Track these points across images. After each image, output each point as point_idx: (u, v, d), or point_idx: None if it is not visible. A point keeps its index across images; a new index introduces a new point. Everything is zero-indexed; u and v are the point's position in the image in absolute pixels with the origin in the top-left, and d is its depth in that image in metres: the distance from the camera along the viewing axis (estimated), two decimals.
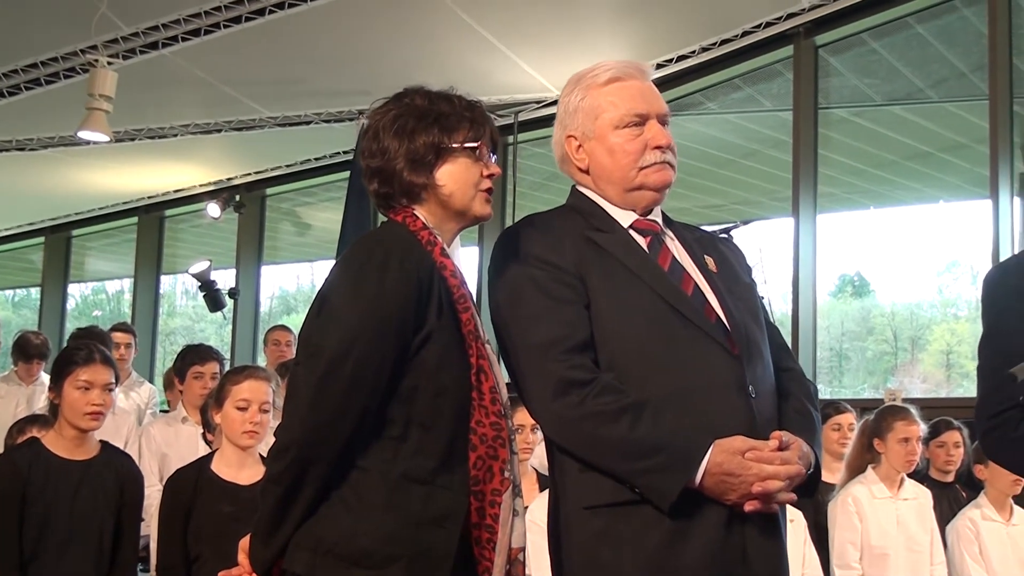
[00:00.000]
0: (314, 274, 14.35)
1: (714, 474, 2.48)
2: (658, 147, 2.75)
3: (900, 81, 9.40)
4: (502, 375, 2.67)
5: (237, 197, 12.64)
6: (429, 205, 2.64)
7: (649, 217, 2.80)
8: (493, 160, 2.71)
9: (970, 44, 8.84)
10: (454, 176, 2.63)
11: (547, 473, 2.78)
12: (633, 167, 2.75)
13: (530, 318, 2.61)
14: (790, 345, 8.56)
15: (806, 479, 2.60)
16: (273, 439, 2.54)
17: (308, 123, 10.84)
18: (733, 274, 2.83)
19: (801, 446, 2.58)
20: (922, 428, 5.62)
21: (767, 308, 6.17)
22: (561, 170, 2.89)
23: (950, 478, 6.10)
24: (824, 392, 9.72)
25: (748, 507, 2.50)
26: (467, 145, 2.64)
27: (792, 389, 2.77)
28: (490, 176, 2.68)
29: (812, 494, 2.69)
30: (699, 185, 10.88)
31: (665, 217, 2.86)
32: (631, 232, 2.76)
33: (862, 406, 6.61)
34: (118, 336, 7.61)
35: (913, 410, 5.64)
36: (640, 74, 2.83)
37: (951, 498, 5.96)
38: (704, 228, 3.01)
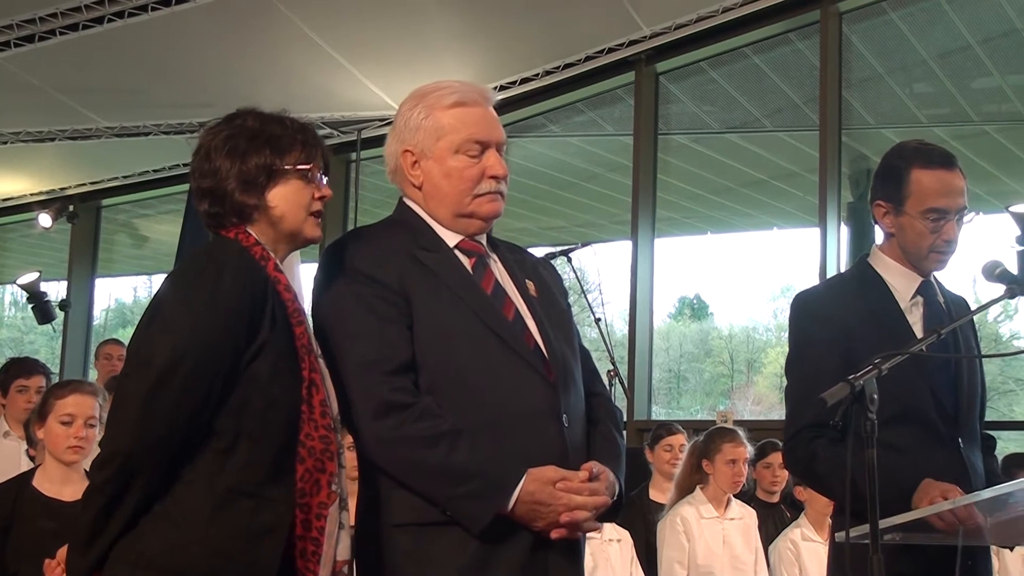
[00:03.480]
0: (152, 287, 14.13)
1: (525, 502, 2.53)
2: (494, 176, 2.77)
3: (737, 110, 9.65)
4: (334, 389, 2.66)
5: (71, 207, 12.31)
6: (260, 226, 2.63)
7: (475, 238, 2.82)
8: (324, 182, 2.71)
9: (803, 76, 9.14)
10: (286, 198, 2.62)
11: None
12: (468, 193, 2.76)
13: (354, 335, 2.62)
14: (627, 366, 8.79)
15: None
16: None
17: (147, 134, 10.64)
18: (551, 299, 2.87)
19: (608, 475, 2.65)
20: (749, 450, 5.76)
21: (605, 330, 6.28)
22: (391, 181, 2.90)
23: (775, 498, 6.26)
24: (660, 413, 9.91)
25: (554, 534, 2.56)
26: (299, 167, 2.64)
27: (601, 416, 2.83)
28: (321, 198, 2.68)
29: (614, 518, 2.78)
30: (541, 206, 11.00)
31: (489, 237, 2.89)
32: (456, 252, 2.77)
33: (696, 427, 6.74)
34: None
35: (741, 432, 5.78)
36: (484, 100, 2.84)
37: (776, 518, 6.12)
38: (526, 250, 3.04)
